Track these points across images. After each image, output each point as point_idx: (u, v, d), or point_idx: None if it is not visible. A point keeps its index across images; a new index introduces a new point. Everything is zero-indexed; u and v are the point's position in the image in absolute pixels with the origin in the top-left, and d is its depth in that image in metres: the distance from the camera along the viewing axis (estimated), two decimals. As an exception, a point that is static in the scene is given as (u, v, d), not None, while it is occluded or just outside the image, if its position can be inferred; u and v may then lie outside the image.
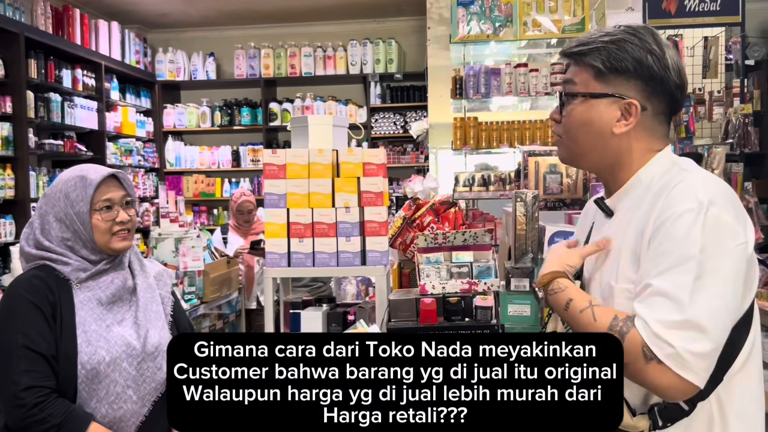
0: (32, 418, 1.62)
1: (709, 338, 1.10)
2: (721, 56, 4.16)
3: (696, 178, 1.19)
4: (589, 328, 1.19)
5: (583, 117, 1.28)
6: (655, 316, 1.12)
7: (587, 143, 1.29)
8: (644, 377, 1.13)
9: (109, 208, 1.79)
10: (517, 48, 4.44)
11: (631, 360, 1.13)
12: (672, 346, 1.10)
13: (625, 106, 1.25)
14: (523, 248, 2.19)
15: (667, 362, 1.10)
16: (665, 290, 1.12)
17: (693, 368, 1.10)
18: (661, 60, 1.24)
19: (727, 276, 1.12)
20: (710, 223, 1.12)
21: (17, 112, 5.11)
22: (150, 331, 1.79)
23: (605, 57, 1.25)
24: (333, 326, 2.56)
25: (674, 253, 1.13)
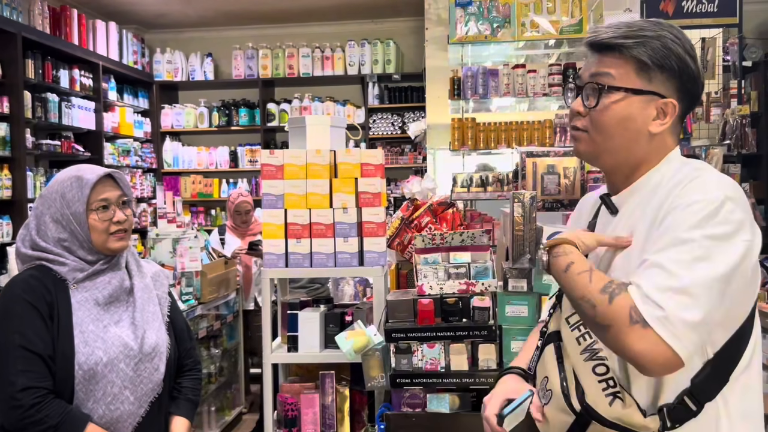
0: (29, 419, 1.62)
1: (700, 309, 1.08)
2: (718, 57, 4.16)
3: (713, 176, 1.18)
4: (581, 290, 1.16)
5: (622, 113, 1.22)
6: (650, 282, 1.10)
7: (621, 141, 1.24)
8: (625, 342, 1.10)
9: (105, 208, 1.79)
10: (515, 49, 4.43)
11: (616, 322, 1.10)
12: (662, 309, 1.08)
13: (663, 105, 1.22)
14: (520, 249, 2.19)
15: (653, 324, 1.07)
16: (661, 263, 1.11)
17: (679, 336, 1.07)
18: (696, 62, 1.23)
19: (726, 265, 1.10)
20: (720, 215, 1.11)
21: (14, 113, 5.10)
22: (147, 332, 1.79)
23: (651, 52, 1.20)
24: (330, 327, 2.56)
25: (677, 235, 1.11)
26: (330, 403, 2.49)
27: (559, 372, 1.23)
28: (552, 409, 1.23)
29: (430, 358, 2.18)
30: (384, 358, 2.22)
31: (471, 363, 2.18)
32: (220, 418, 4.35)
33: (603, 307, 1.13)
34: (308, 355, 2.56)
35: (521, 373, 1.43)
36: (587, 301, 1.15)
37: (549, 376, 1.26)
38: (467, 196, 3.34)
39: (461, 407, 2.17)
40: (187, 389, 1.95)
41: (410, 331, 2.19)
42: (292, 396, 2.51)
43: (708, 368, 1.17)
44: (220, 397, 4.38)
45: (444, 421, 2.15)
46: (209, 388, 4.12)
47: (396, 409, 2.20)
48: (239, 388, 4.67)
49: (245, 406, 4.76)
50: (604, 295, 1.13)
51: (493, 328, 2.18)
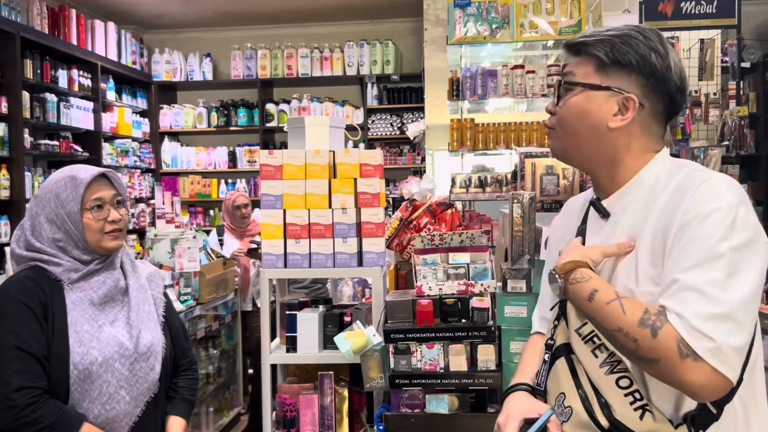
0: (24, 419, 1.62)
1: (744, 332, 1.09)
2: (717, 58, 4.17)
3: (721, 180, 1.17)
4: (616, 322, 1.13)
5: (580, 108, 1.25)
6: (690, 309, 1.08)
7: (582, 136, 1.26)
8: (678, 375, 1.08)
9: (99, 208, 1.78)
10: (514, 49, 4.44)
11: (665, 356, 1.08)
12: (712, 340, 1.06)
13: (623, 100, 1.23)
14: (519, 250, 2.19)
15: (706, 357, 1.06)
16: (696, 285, 1.09)
17: (730, 363, 1.07)
18: (665, 59, 1.23)
19: (755, 273, 1.11)
20: (740, 222, 1.11)
21: (13, 113, 5.09)
22: (142, 332, 1.79)
23: (609, 48, 1.23)
24: (329, 328, 2.56)
25: (704, 251, 1.10)
26: (329, 403, 2.48)
27: (576, 388, 1.20)
28: (573, 428, 1.19)
29: (429, 358, 2.18)
30: (383, 359, 2.21)
31: (470, 364, 2.18)
32: (219, 419, 4.35)
33: (647, 341, 1.10)
34: (307, 356, 2.56)
35: (530, 390, 1.36)
36: (626, 335, 1.12)
37: (566, 393, 1.22)
38: (466, 196, 3.34)
39: (460, 408, 2.17)
40: (184, 389, 1.95)
41: (409, 331, 2.18)
42: (290, 397, 2.51)
43: None
44: (219, 397, 4.38)
45: (443, 422, 2.15)
46: (207, 388, 4.11)
47: (395, 409, 2.20)
48: (237, 388, 4.66)
49: (243, 407, 4.76)
50: (644, 329, 1.10)
51: (492, 329, 2.17)
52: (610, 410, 1.15)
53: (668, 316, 1.10)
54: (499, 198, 3.16)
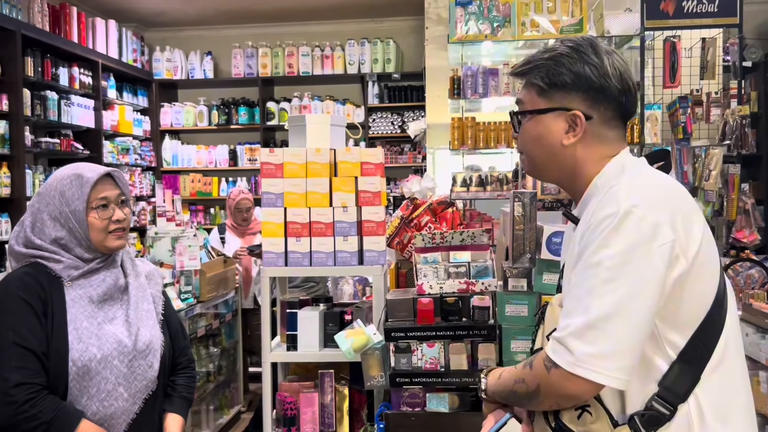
0: (22, 415, 1.62)
1: (615, 338, 1.11)
2: (718, 57, 4.16)
3: (624, 183, 1.20)
4: (513, 376, 1.27)
5: (533, 133, 1.32)
6: (562, 324, 1.16)
7: (542, 157, 1.33)
8: (555, 389, 1.16)
9: (104, 207, 1.78)
10: (515, 48, 4.43)
11: (540, 378, 1.19)
12: (571, 353, 1.13)
13: (571, 117, 1.28)
14: (520, 248, 2.19)
15: (564, 366, 1.13)
16: (575, 293, 1.17)
17: (598, 369, 1.11)
18: (599, 68, 1.27)
19: (638, 280, 1.12)
20: (625, 227, 1.13)
21: (13, 110, 5.09)
22: (141, 329, 1.79)
23: (544, 73, 1.29)
24: (330, 326, 2.55)
25: (587, 257, 1.16)
26: (329, 402, 2.48)
27: None
28: (537, 427, 1.28)
29: (429, 357, 2.17)
30: (383, 358, 2.21)
31: (470, 362, 2.18)
32: (219, 417, 4.35)
33: (528, 375, 1.23)
34: (307, 354, 2.56)
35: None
36: (518, 381, 1.26)
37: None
38: (467, 195, 3.34)
39: (460, 407, 2.17)
40: (182, 387, 1.95)
41: (410, 330, 2.18)
42: (291, 395, 2.51)
43: (675, 369, 1.17)
44: (219, 395, 4.38)
45: (443, 421, 2.15)
46: (208, 386, 4.11)
47: (395, 408, 2.20)
48: (238, 387, 4.66)
49: (244, 405, 4.76)
50: (525, 367, 1.25)
51: (493, 328, 2.17)
52: (558, 411, 1.23)
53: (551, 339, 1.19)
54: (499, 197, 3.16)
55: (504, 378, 1.32)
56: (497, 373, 1.36)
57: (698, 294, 1.18)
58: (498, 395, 1.35)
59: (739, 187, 3.83)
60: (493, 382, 1.36)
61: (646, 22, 4.08)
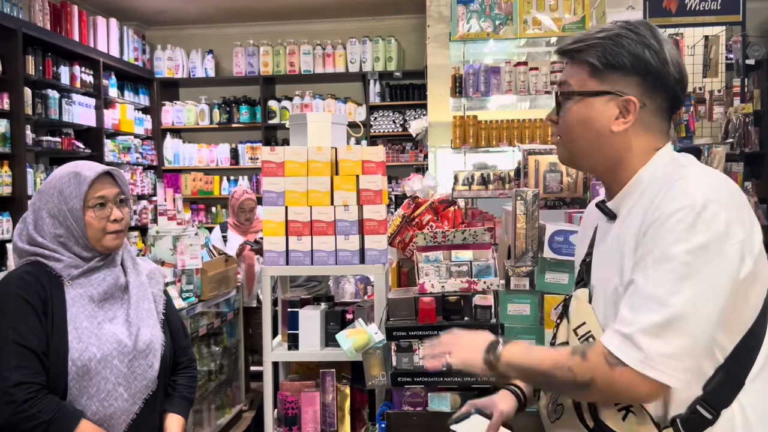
0: (21, 415, 1.62)
1: (687, 337, 1.07)
2: (721, 55, 4.15)
3: (694, 174, 1.15)
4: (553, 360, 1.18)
5: (580, 116, 1.25)
6: (628, 317, 1.10)
7: (586, 143, 1.26)
8: (614, 386, 1.11)
9: (102, 206, 1.78)
10: (517, 46, 4.42)
11: (597, 373, 1.12)
12: (641, 350, 1.08)
13: (623, 103, 1.21)
14: (523, 247, 2.18)
15: (632, 365, 1.08)
16: (645, 289, 1.10)
17: (662, 368, 1.07)
18: (659, 54, 1.20)
19: (714, 278, 1.08)
20: (702, 222, 1.08)
21: (15, 109, 5.08)
22: (141, 329, 1.79)
23: (601, 53, 1.21)
24: (331, 325, 2.55)
25: (657, 252, 1.10)
26: (330, 401, 2.47)
27: None
28: (563, 426, 1.23)
29: (431, 356, 2.16)
30: (385, 357, 2.20)
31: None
32: (221, 416, 4.34)
33: (579, 365, 1.14)
34: (309, 353, 2.55)
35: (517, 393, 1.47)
36: (561, 367, 1.16)
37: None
38: (468, 194, 3.32)
39: (462, 406, 2.16)
40: (182, 387, 1.94)
41: (411, 329, 2.17)
42: (292, 394, 2.50)
43: (720, 373, 1.14)
44: (221, 394, 4.37)
45: (445, 420, 2.13)
46: (209, 385, 4.11)
47: (397, 407, 2.19)
48: (239, 385, 4.66)
49: (245, 404, 4.76)
50: (575, 355, 1.15)
51: (495, 327, 2.16)
52: (596, 410, 1.18)
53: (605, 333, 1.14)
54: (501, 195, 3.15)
55: (536, 356, 1.21)
56: (522, 347, 1.25)
57: (754, 297, 1.14)
58: (518, 369, 1.24)
59: (742, 185, 3.82)
60: (519, 354, 1.24)
61: (648, 20, 4.06)
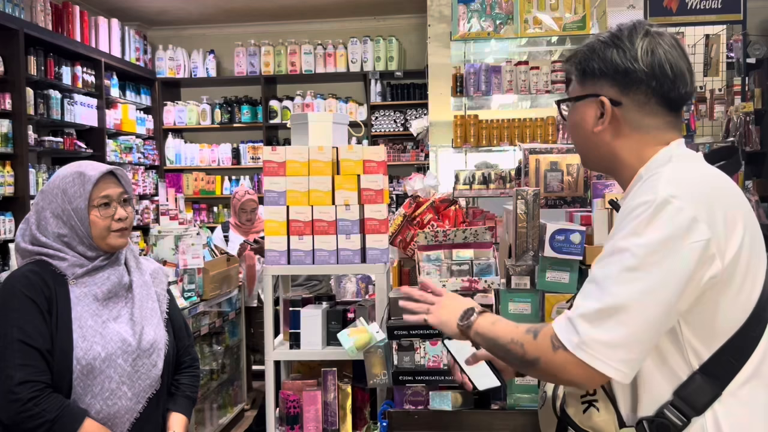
0: (26, 413, 1.62)
1: (626, 327, 1.07)
2: (722, 54, 4.15)
3: (667, 173, 1.15)
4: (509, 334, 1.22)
5: (572, 120, 1.33)
6: (577, 302, 1.13)
7: (580, 146, 1.34)
8: (554, 368, 1.13)
9: (107, 205, 1.78)
10: (518, 46, 4.42)
11: (542, 353, 1.14)
12: (578, 334, 1.09)
13: (599, 103, 1.25)
14: (523, 246, 2.18)
15: (573, 351, 1.09)
16: (595, 276, 1.13)
17: (600, 356, 1.08)
18: (628, 52, 1.22)
19: (663, 275, 1.07)
20: (660, 218, 1.08)
21: (17, 109, 5.10)
22: (145, 328, 1.79)
23: (578, 61, 1.29)
24: (332, 324, 2.55)
25: (615, 242, 1.12)
26: (332, 400, 2.48)
27: None
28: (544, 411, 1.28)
29: (432, 355, 2.17)
30: (386, 356, 2.21)
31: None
32: (223, 415, 4.35)
33: (530, 343, 1.18)
34: (310, 352, 2.56)
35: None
36: (516, 343, 1.20)
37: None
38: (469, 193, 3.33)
39: (464, 405, 2.17)
40: (185, 386, 1.95)
41: (412, 328, 2.18)
42: (294, 393, 2.51)
43: (696, 380, 1.11)
44: (223, 393, 4.38)
45: (446, 419, 2.14)
46: (211, 385, 4.12)
47: (398, 406, 2.20)
48: (241, 384, 4.67)
49: (247, 403, 4.77)
50: (528, 334, 1.19)
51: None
52: (564, 402, 1.22)
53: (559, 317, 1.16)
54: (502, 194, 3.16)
55: (499, 329, 1.26)
56: (491, 319, 1.30)
57: (733, 302, 1.11)
58: (484, 340, 1.29)
59: (743, 184, 3.82)
60: (485, 324, 1.29)
61: (649, 19, 4.06)
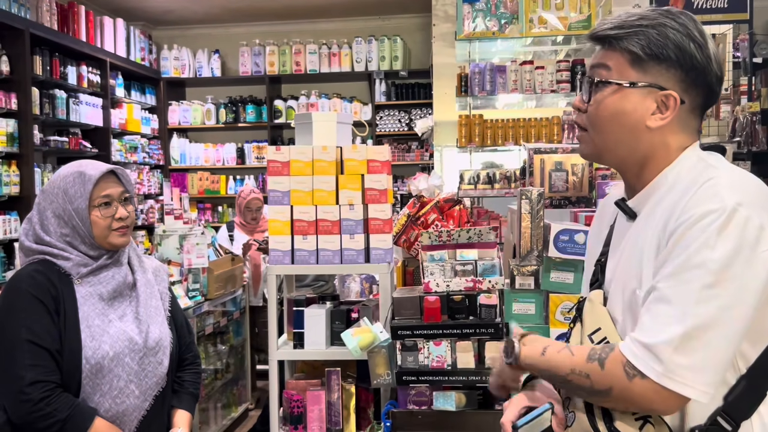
0: (38, 413, 1.63)
1: (710, 349, 1.03)
2: (728, 54, 4.13)
3: (725, 176, 1.09)
4: (568, 365, 1.14)
5: (615, 107, 1.16)
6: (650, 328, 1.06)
7: (617, 137, 1.17)
8: (632, 397, 1.07)
9: (107, 205, 1.79)
10: (523, 45, 4.41)
11: (615, 383, 1.07)
12: (660, 362, 1.03)
13: (663, 97, 1.14)
14: (528, 246, 2.18)
15: (652, 376, 1.04)
16: (668, 296, 1.05)
17: (682, 380, 1.03)
18: (704, 49, 1.14)
19: (742, 287, 1.03)
20: (733, 227, 1.03)
21: (22, 109, 5.11)
22: (151, 327, 1.80)
23: (645, 42, 1.13)
24: (336, 324, 2.55)
25: (686, 258, 1.04)
26: (336, 400, 2.48)
27: None
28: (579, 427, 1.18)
29: (436, 355, 2.17)
30: (390, 356, 2.21)
31: (477, 361, 2.17)
32: (227, 415, 4.36)
33: (597, 373, 1.10)
34: (314, 352, 2.56)
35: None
36: (578, 374, 1.12)
37: (571, 397, 1.20)
38: (474, 193, 3.32)
39: (467, 405, 2.16)
40: (188, 383, 1.96)
41: (416, 328, 2.18)
42: (297, 393, 2.51)
43: (742, 384, 1.09)
44: (227, 393, 4.39)
45: (450, 419, 2.14)
46: (215, 384, 4.12)
47: (402, 406, 2.19)
48: (246, 384, 4.68)
49: (251, 403, 4.77)
50: (592, 363, 1.11)
51: (500, 326, 2.16)
52: (611, 419, 1.13)
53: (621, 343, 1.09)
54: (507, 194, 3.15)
55: (551, 358, 1.16)
56: (539, 347, 1.19)
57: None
58: (537, 371, 1.21)
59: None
60: (533, 355, 1.19)
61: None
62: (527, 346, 1.22)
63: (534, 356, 1.20)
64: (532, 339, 1.23)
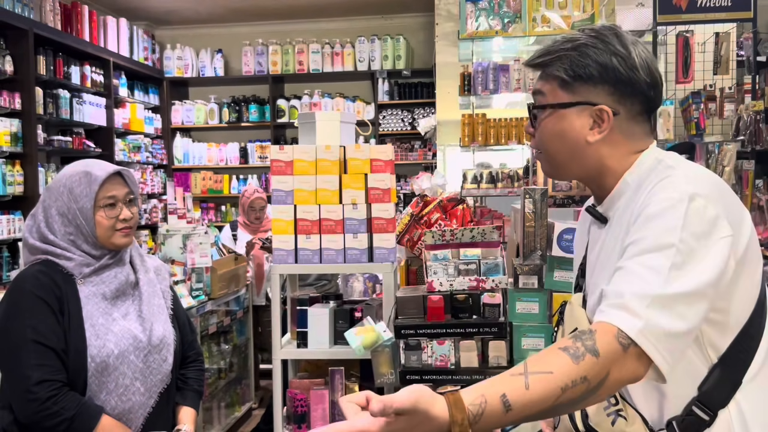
0: (45, 412, 1.64)
1: (680, 321, 1.01)
2: (732, 52, 4.12)
3: (681, 173, 1.14)
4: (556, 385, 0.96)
5: (554, 128, 1.23)
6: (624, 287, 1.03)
7: (564, 155, 1.24)
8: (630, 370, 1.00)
9: (112, 206, 1.79)
10: (526, 44, 4.41)
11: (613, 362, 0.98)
12: (640, 317, 0.99)
13: (596, 112, 1.19)
14: (531, 245, 2.17)
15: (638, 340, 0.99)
16: (635, 270, 1.04)
17: (658, 346, 1.00)
18: (627, 60, 1.18)
19: (708, 266, 1.05)
20: (692, 213, 1.06)
21: (26, 109, 5.12)
22: (154, 324, 1.81)
23: (568, 65, 1.20)
24: (340, 323, 2.55)
25: (650, 241, 1.06)
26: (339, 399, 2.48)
27: None
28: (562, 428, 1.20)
29: (439, 354, 2.17)
30: (393, 355, 2.21)
31: (481, 360, 2.17)
32: (230, 414, 4.36)
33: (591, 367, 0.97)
34: (318, 351, 2.56)
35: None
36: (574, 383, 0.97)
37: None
38: (477, 192, 3.32)
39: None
40: (192, 380, 1.98)
41: (420, 327, 2.18)
42: (301, 392, 2.51)
43: (716, 373, 1.11)
44: (231, 392, 4.39)
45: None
46: (219, 383, 4.13)
47: (405, 405, 2.19)
48: (249, 383, 4.68)
49: (255, 402, 4.78)
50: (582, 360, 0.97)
51: (504, 325, 2.16)
52: (586, 415, 1.15)
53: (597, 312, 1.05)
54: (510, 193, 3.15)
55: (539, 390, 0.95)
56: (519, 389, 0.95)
57: (743, 296, 1.12)
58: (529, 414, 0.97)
59: (753, 183, 3.79)
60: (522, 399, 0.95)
61: (658, 17, 4.04)
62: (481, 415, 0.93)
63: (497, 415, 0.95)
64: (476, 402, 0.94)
